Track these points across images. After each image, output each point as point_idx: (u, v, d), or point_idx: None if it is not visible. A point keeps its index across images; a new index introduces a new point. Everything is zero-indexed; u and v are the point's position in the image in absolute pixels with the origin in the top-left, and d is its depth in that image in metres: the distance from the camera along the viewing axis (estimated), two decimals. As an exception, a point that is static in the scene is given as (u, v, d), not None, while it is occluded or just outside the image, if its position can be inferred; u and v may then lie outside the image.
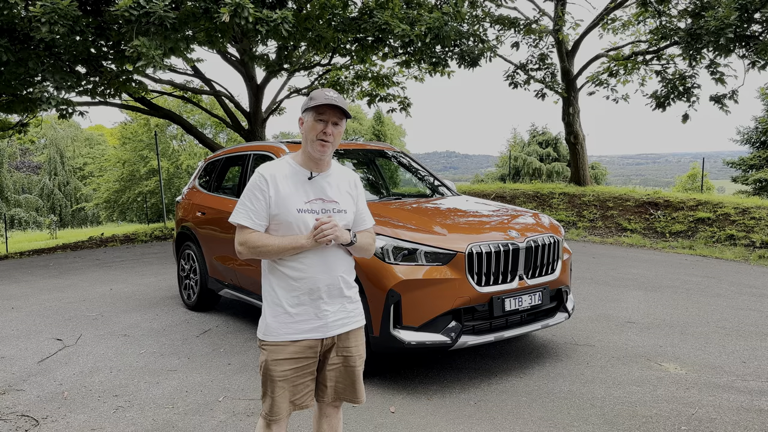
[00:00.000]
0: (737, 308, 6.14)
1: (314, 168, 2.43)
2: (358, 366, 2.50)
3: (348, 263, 2.48)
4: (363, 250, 2.50)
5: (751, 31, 11.25)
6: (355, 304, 2.50)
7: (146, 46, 7.41)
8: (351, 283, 2.49)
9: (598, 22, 14.89)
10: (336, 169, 2.51)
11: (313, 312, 2.38)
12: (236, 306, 6.53)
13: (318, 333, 2.39)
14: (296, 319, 2.38)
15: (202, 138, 14.51)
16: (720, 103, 13.82)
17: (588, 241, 11.24)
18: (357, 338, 2.50)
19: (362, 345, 2.53)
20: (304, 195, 2.38)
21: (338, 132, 2.41)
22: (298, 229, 2.35)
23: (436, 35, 9.50)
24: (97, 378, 4.42)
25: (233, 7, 7.41)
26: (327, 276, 2.38)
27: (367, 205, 2.60)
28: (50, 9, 7.29)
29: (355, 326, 2.49)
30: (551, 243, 4.41)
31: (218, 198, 6.16)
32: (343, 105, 2.36)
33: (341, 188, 2.47)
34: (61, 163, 44.95)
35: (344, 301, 2.44)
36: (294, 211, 2.35)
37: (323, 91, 2.38)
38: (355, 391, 2.51)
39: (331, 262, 2.40)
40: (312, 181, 2.42)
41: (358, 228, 2.51)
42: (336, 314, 2.41)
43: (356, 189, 2.53)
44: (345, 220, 2.43)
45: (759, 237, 9.84)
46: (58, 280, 8.46)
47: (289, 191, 2.37)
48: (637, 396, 3.91)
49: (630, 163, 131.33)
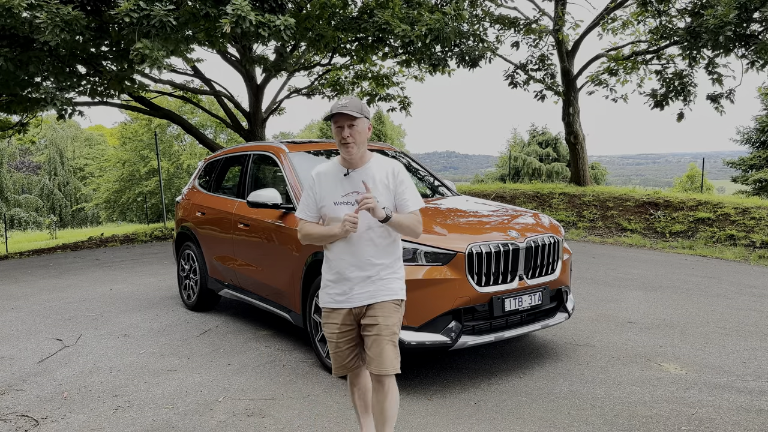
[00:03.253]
0: (737, 308, 6.13)
1: (349, 166, 2.86)
2: (384, 336, 2.79)
3: (376, 248, 2.83)
4: (403, 227, 2.81)
5: (750, 30, 11.25)
6: (384, 281, 2.83)
7: (149, 48, 7.42)
8: (380, 264, 2.83)
9: (598, 22, 14.88)
10: (374, 163, 2.88)
11: (342, 287, 2.85)
12: (236, 306, 6.53)
13: (346, 304, 2.85)
14: (331, 292, 2.89)
15: (201, 138, 14.50)
16: (716, 102, 13.81)
17: (588, 241, 11.24)
18: (384, 310, 2.82)
19: (391, 317, 2.82)
20: (342, 189, 2.84)
21: (357, 131, 2.78)
22: (335, 219, 2.80)
23: (437, 36, 9.49)
24: (97, 378, 4.42)
25: (234, 19, 7.43)
26: (353, 258, 2.81)
27: (412, 191, 2.89)
28: (55, 15, 7.31)
29: (380, 299, 2.82)
30: (551, 243, 4.41)
31: (218, 198, 6.16)
32: (348, 110, 2.73)
33: (376, 180, 2.82)
34: (61, 163, 44.92)
35: (371, 279, 2.82)
36: (332, 203, 2.84)
37: (337, 100, 2.80)
38: (381, 362, 2.78)
39: (356, 248, 2.81)
40: (348, 177, 2.84)
41: (405, 211, 2.84)
42: (361, 289, 2.82)
43: (395, 178, 2.86)
44: None
45: (759, 237, 9.84)
46: (58, 280, 8.46)
47: (329, 187, 2.86)
48: (637, 396, 3.91)
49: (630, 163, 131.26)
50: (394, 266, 2.89)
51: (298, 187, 4.98)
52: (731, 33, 10.67)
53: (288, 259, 4.78)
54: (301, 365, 4.61)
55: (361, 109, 2.79)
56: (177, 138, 36.35)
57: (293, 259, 4.69)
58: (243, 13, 7.40)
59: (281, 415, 3.72)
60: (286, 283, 4.82)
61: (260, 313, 6.15)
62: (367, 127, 2.84)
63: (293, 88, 15.07)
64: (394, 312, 2.85)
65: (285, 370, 4.51)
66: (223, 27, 7.46)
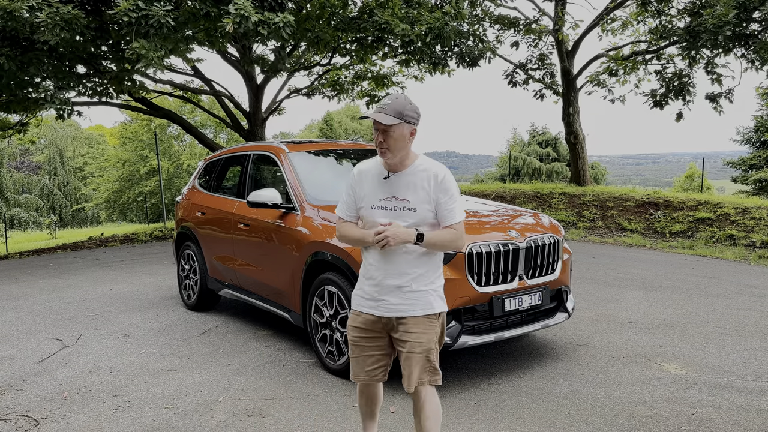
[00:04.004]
0: (737, 308, 6.13)
1: (390, 169, 2.69)
2: (416, 353, 2.63)
3: (410, 257, 2.65)
4: (437, 246, 2.63)
5: (750, 29, 11.24)
6: (417, 294, 2.65)
7: (145, 48, 7.41)
8: (413, 273, 2.64)
9: (598, 22, 14.89)
10: (417, 168, 2.68)
11: (374, 293, 2.69)
12: (236, 306, 6.53)
13: (375, 311, 2.70)
14: (362, 295, 2.75)
15: (201, 138, 14.50)
16: (715, 102, 13.81)
17: (588, 241, 11.24)
18: (417, 326, 2.65)
19: (424, 334, 2.65)
20: (381, 193, 2.68)
21: (392, 137, 2.59)
22: (371, 222, 2.68)
23: (437, 35, 9.49)
24: (97, 378, 4.42)
25: (238, 19, 7.42)
26: (387, 265, 2.66)
27: (456, 201, 2.66)
28: (55, 14, 7.31)
29: (413, 314, 2.65)
30: (551, 243, 4.41)
31: (218, 198, 6.16)
32: (382, 114, 2.56)
33: (416, 186, 2.64)
34: (61, 163, 44.92)
35: (403, 289, 2.65)
36: (369, 206, 2.69)
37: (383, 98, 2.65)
38: (411, 381, 2.65)
39: (390, 255, 2.65)
40: (388, 181, 2.68)
41: (444, 223, 2.65)
42: (393, 299, 2.66)
43: (437, 185, 2.64)
44: (413, 218, 2.63)
45: (759, 237, 9.84)
46: (58, 280, 8.46)
47: (369, 188, 2.71)
48: (637, 396, 3.91)
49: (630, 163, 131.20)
50: (429, 276, 2.69)
51: (298, 187, 4.98)
52: (730, 32, 10.67)
53: (288, 259, 4.78)
54: (301, 365, 4.61)
55: (401, 112, 2.57)
56: (177, 138, 36.36)
57: (293, 259, 4.69)
58: (246, 13, 7.40)
59: (281, 415, 3.72)
60: (286, 283, 4.82)
61: (260, 313, 6.15)
62: (407, 132, 2.62)
63: (293, 88, 15.08)
64: (428, 328, 2.66)
65: (285, 370, 4.51)
66: (226, 27, 7.46)
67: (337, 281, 4.24)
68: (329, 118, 50.25)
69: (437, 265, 2.74)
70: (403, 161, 2.67)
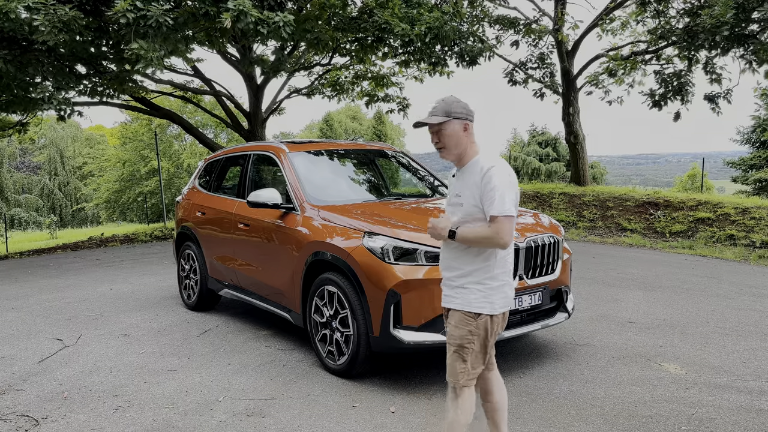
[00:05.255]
0: (737, 308, 6.13)
1: (456, 166, 2.85)
2: (450, 344, 2.75)
3: (456, 252, 2.74)
4: (471, 242, 2.67)
5: (749, 30, 11.23)
6: (461, 290, 2.73)
7: (144, 49, 7.41)
8: (460, 270, 2.73)
9: (598, 22, 14.89)
10: (473, 164, 2.74)
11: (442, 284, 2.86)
12: (236, 306, 6.53)
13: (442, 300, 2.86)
14: None
15: (202, 138, 14.50)
16: (713, 102, 13.80)
17: (588, 241, 11.24)
18: (454, 319, 2.75)
19: (458, 329, 2.72)
20: (451, 190, 2.87)
21: (444, 135, 2.71)
22: None
23: (436, 35, 9.49)
24: (97, 378, 4.42)
25: (236, 13, 7.41)
26: (444, 259, 2.82)
27: (496, 193, 2.60)
28: (53, 17, 7.30)
29: (452, 306, 2.76)
30: (551, 243, 4.41)
31: (218, 198, 6.16)
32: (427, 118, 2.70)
33: (469, 182, 2.72)
34: (61, 163, 44.92)
35: (449, 281, 2.78)
36: (447, 204, 2.91)
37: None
38: (448, 370, 2.77)
39: (446, 248, 2.81)
40: (455, 178, 2.84)
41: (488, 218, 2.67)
42: (446, 290, 2.81)
43: (482, 179, 2.65)
44: (460, 214, 2.74)
45: (759, 237, 9.84)
46: (58, 280, 8.46)
47: (449, 188, 2.91)
48: (637, 396, 3.91)
49: (630, 163, 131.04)
50: (478, 276, 2.68)
51: (298, 187, 4.98)
52: (728, 33, 10.65)
53: (288, 259, 4.78)
54: (301, 365, 4.61)
55: (448, 110, 2.69)
56: (177, 138, 36.37)
57: (293, 259, 4.69)
58: (244, 8, 7.39)
59: (281, 415, 3.72)
60: (287, 283, 4.82)
61: (260, 313, 6.15)
62: (459, 128, 2.69)
63: (293, 88, 15.08)
64: (463, 324, 2.70)
65: (285, 370, 4.52)
66: (224, 21, 7.45)
67: (337, 281, 4.24)
68: (329, 118, 50.25)
69: (489, 266, 2.69)
70: (462, 158, 2.76)
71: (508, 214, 2.58)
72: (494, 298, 2.69)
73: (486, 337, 2.73)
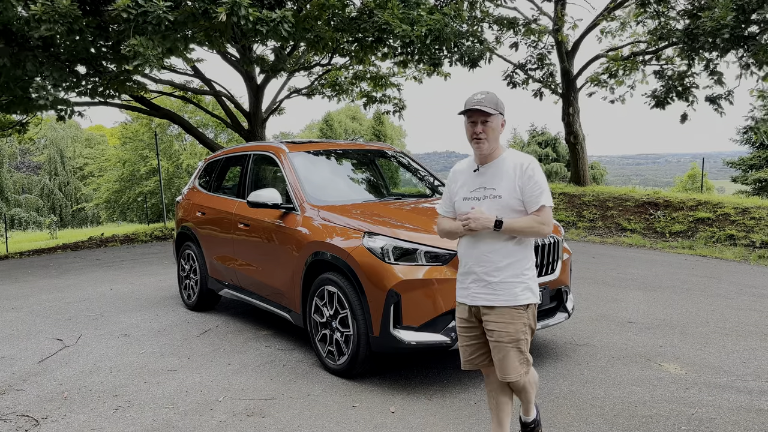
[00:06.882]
0: (737, 308, 6.13)
1: (480, 162, 2.87)
2: (504, 342, 2.76)
3: (496, 245, 2.77)
4: (518, 232, 2.73)
5: (749, 32, 11.22)
6: (503, 285, 2.76)
7: (143, 46, 7.40)
8: (500, 264, 2.76)
9: (598, 22, 14.89)
10: (505, 158, 2.83)
11: (466, 281, 2.87)
12: (236, 306, 6.54)
13: (467, 300, 2.87)
14: (458, 286, 2.94)
15: (201, 138, 14.50)
16: (715, 103, 13.80)
17: (588, 241, 11.24)
18: (503, 317, 2.76)
19: (511, 324, 2.75)
20: (472, 185, 2.86)
21: (490, 127, 2.77)
22: (462, 213, 2.83)
23: (437, 37, 9.48)
24: (97, 378, 4.42)
25: (230, 6, 7.41)
26: (476, 252, 2.81)
27: (541, 186, 2.75)
28: (50, 8, 7.29)
29: (496, 303, 2.77)
30: (551, 243, 4.41)
31: (218, 198, 6.16)
32: (483, 106, 2.74)
33: (503, 175, 2.78)
34: (62, 163, 44.92)
35: (489, 278, 2.78)
36: (461, 199, 2.89)
37: (473, 95, 2.81)
38: (502, 368, 2.80)
39: (479, 242, 2.80)
40: (478, 173, 2.86)
41: (530, 210, 2.76)
42: (480, 288, 2.81)
43: (523, 173, 2.75)
44: (499, 205, 2.77)
45: (759, 237, 9.84)
46: (58, 280, 8.46)
47: (461, 183, 2.91)
48: (637, 396, 3.91)
49: (630, 163, 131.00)
50: (517, 268, 2.78)
51: (298, 187, 4.98)
52: (728, 35, 10.64)
53: (288, 259, 4.78)
54: (301, 365, 4.61)
55: (497, 104, 2.78)
56: (177, 138, 36.36)
57: (293, 259, 4.70)
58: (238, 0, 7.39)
59: (281, 415, 3.72)
60: (287, 283, 4.83)
61: (260, 313, 6.15)
62: (500, 123, 2.81)
63: (293, 88, 15.09)
64: (515, 318, 2.76)
65: (285, 370, 4.52)
66: (219, 16, 7.45)
67: (337, 281, 4.24)
68: (329, 118, 50.25)
69: (526, 257, 2.82)
70: (493, 152, 2.83)
71: (552, 204, 2.80)
72: (533, 285, 2.83)
73: (534, 324, 2.85)
